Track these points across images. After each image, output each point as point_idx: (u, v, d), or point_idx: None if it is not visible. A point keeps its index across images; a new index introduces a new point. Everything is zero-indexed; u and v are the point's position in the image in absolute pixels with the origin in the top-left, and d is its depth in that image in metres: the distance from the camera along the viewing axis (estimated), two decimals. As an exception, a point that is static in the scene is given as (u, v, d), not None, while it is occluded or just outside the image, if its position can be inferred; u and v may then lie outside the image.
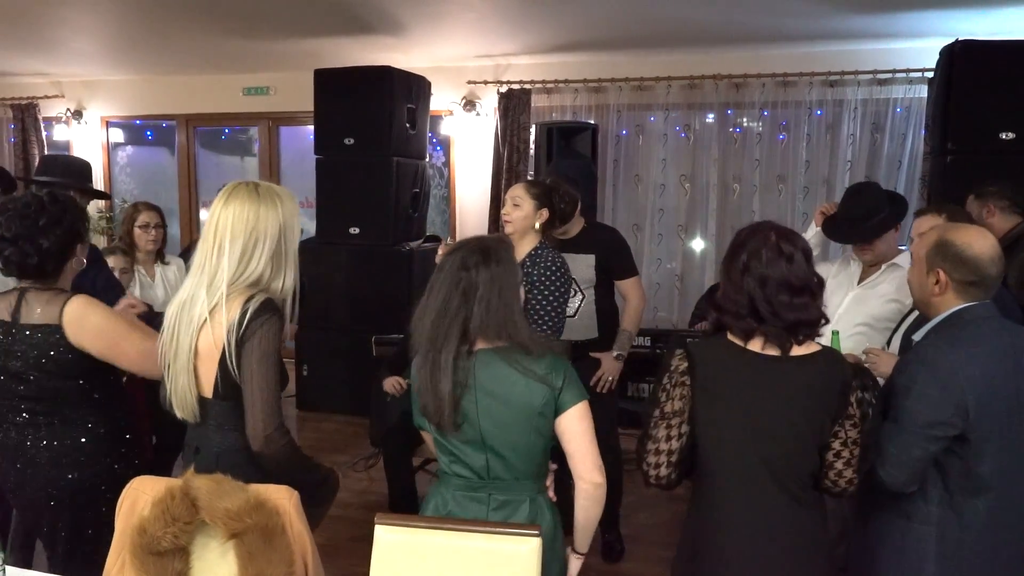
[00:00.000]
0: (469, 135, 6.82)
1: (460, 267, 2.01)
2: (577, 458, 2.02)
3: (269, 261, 2.14)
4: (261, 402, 2.06)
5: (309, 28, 5.54)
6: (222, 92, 7.26)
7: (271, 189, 2.20)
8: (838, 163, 5.98)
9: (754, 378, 1.98)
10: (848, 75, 5.83)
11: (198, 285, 2.13)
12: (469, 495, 2.07)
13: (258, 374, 2.07)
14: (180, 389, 2.15)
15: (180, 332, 2.14)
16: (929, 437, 2.03)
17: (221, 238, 2.12)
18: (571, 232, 3.81)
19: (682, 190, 6.37)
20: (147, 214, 3.94)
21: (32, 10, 5.02)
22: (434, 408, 2.00)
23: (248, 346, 2.06)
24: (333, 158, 5.88)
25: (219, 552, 1.99)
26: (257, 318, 2.06)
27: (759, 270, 1.95)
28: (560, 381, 2.00)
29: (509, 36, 5.76)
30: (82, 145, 7.60)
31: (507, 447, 2.01)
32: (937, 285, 2.15)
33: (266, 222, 2.13)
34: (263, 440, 2.07)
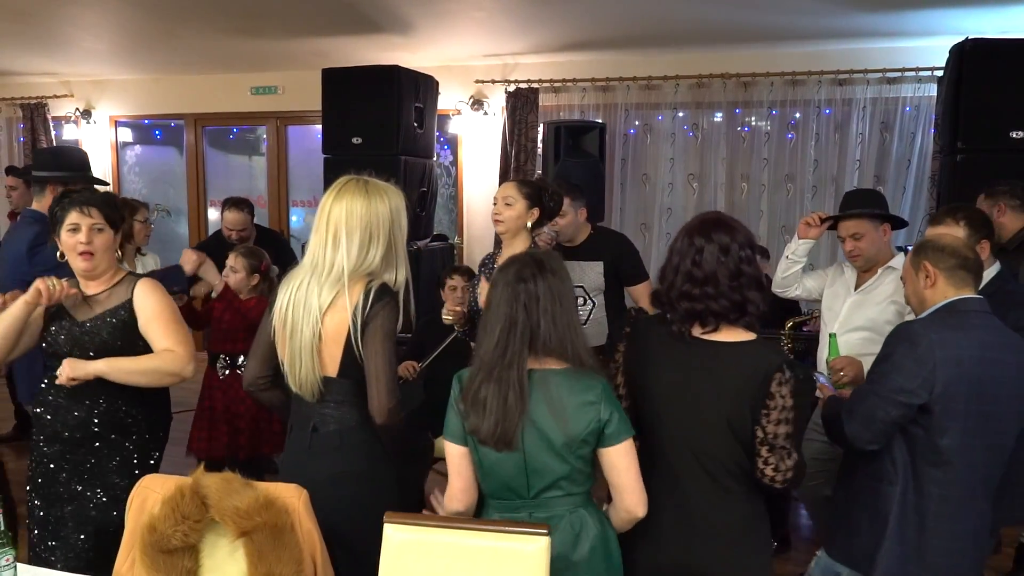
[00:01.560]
0: (477, 134, 6.82)
1: (517, 279, 2.00)
2: (624, 493, 2.02)
3: (382, 252, 2.25)
4: (385, 379, 2.19)
5: (317, 27, 5.54)
6: (230, 91, 7.27)
7: (378, 185, 2.30)
8: (847, 162, 5.96)
9: (688, 359, 2.08)
10: (857, 74, 5.81)
11: (313, 275, 2.25)
12: (511, 516, 2.05)
13: (381, 354, 2.20)
14: (304, 371, 2.24)
15: (299, 319, 2.23)
16: (894, 402, 2.25)
17: (336, 231, 2.23)
18: (577, 239, 3.80)
19: (690, 189, 6.36)
20: (144, 210, 4.10)
21: (42, 9, 5.04)
22: (493, 425, 1.96)
23: (372, 327, 2.19)
24: (341, 157, 5.87)
25: (228, 550, 2.00)
26: (379, 301, 2.20)
27: (672, 258, 2.12)
28: (608, 413, 1.98)
29: (517, 35, 5.76)
30: (91, 145, 7.62)
31: (549, 469, 1.99)
32: (927, 278, 2.37)
33: (378, 215, 2.24)
34: (387, 413, 2.19)
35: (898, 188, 5.88)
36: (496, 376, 1.98)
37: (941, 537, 2.30)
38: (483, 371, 2.01)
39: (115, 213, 2.53)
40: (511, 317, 1.98)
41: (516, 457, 1.99)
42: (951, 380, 2.22)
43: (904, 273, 2.49)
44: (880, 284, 3.20)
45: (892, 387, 2.26)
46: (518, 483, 2.02)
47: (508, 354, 1.97)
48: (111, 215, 2.51)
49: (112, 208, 2.52)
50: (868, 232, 3.18)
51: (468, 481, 2.09)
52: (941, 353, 2.23)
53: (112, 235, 2.51)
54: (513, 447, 1.97)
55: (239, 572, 1.98)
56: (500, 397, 1.96)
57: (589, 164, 5.67)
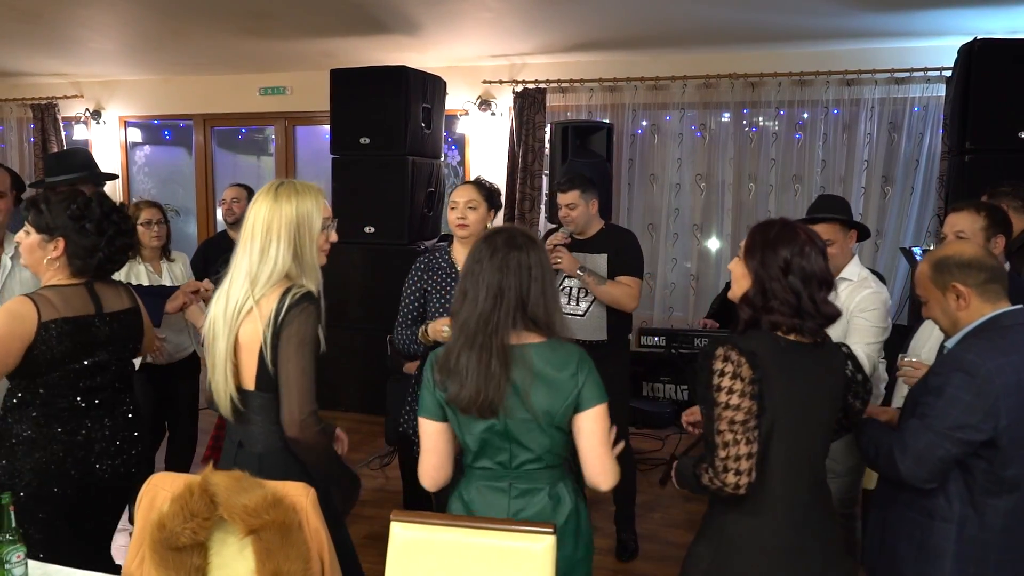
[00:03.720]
0: (484, 134, 6.83)
1: (508, 247, 1.97)
2: (588, 460, 2.00)
3: (290, 255, 2.18)
4: (297, 387, 2.12)
5: (325, 28, 5.56)
6: (239, 92, 7.30)
7: (294, 186, 2.23)
8: (855, 163, 5.95)
9: (802, 366, 2.00)
10: (865, 74, 5.80)
11: (231, 282, 2.20)
12: (491, 485, 2.07)
13: (294, 360, 2.12)
14: (217, 383, 2.21)
15: (217, 330, 2.20)
16: (955, 440, 2.05)
17: (245, 235, 2.19)
18: (588, 232, 3.81)
19: (697, 189, 6.35)
20: (148, 211, 3.92)
21: (52, 11, 5.07)
22: (474, 393, 1.95)
23: (285, 334, 2.12)
24: (349, 157, 5.90)
25: (237, 548, 2.01)
26: (296, 306, 2.13)
27: (804, 267, 1.97)
28: (583, 378, 1.98)
29: (524, 35, 5.77)
30: (100, 145, 7.66)
31: (532, 440, 2.01)
32: (960, 299, 2.18)
33: (280, 218, 2.17)
34: (298, 425, 2.12)
35: (906, 188, 5.87)
36: (479, 343, 1.96)
37: (1005, 568, 2.12)
38: (463, 339, 1.98)
39: (41, 219, 2.41)
40: (501, 284, 1.96)
41: (499, 428, 2.00)
42: (1015, 408, 2.05)
43: (924, 292, 2.29)
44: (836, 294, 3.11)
45: (950, 424, 2.06)
46: (502, 454, 2.04)
47: (493, 321, 1.95)
48: (36, 220, 2.43)
49: (38, 212, 2.42)
50: (839, 239, 3.07)
51: (442, 458, 2.07)
52: (1001, 381, 2.04)
53: (38, 239, 2.43)
54: (497, 414, 1.97)
55: (247, 570, 1.99)
56: (482, 364, 1.94)
57: (596, 164, 5.67)
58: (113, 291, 2.56)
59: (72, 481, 2.43)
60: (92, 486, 2.47)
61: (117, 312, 2.53)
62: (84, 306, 2.45)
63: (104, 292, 2.52)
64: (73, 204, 2.42)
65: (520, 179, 6.52)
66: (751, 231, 2.09)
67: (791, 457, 1.99)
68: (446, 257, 3.15)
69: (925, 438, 2.08)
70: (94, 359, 2.46)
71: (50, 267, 2.44)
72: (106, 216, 2.46)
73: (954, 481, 2.13)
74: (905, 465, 2.10)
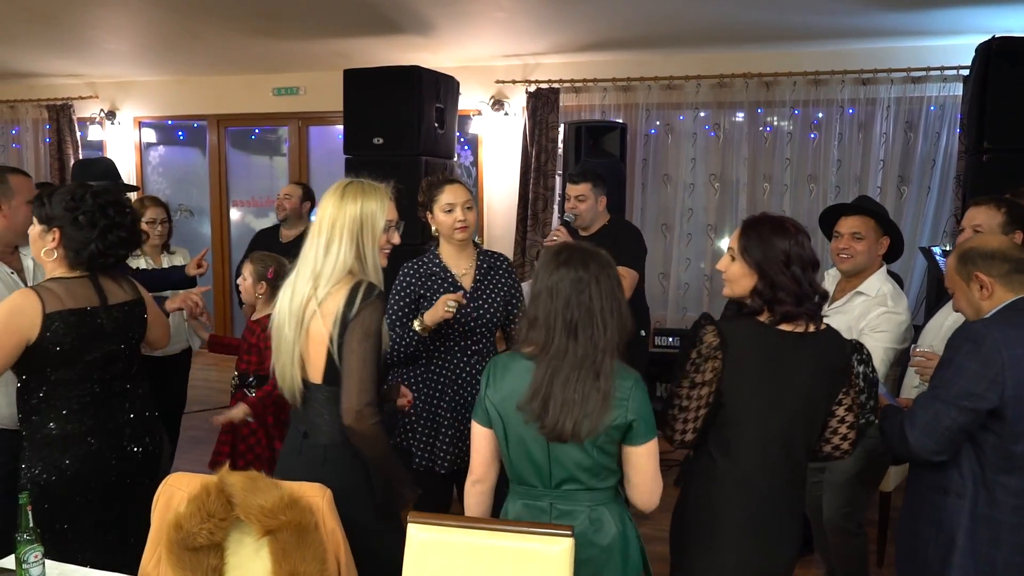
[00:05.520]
0: (497, 134, 6.82)
1: (581, 267, 1.97)
2: (640, 490, 2.05)
3: (351, 254, 2.23)
4: (357, 377, 2.15)
5: (339, 28, 5.57)
6: (252, 92, 7.32)
7: (358, 186, 2.29)
8: (870, 162, 5.91)
9: (781, 354, 2.09)
10: (881, 73, 5.76)
11: (297, 275, 2.26)
12: (531, 504, 2.06)
13: (357, 351, 2.16)
14: (285, 374, 2.27)
15: (284, 322, 2.26)
16: (960, 408, 2.11)
17: (314, 232, 2.26)
18: (593, 227, 3.80)
19: (711, 189, 6.33)
20: (153, 210, 4.10)
21: (67, 12, 5.10)
22: (560, 419, 1.94)
23: (352, 325, 2.16)
24: (362, 157, 5.90)
25: (253, 548, 2.01)
26: (364, 300, 2.17)
27: (801, 256, 2.08)
28: (636, 407, 1.97)
29: (538, 35, 5.76)
30: (115, 145, 7.70)
31: (570, 459, 2.00)
32: (983, 289, 2.24)
33: (344, 217, 2.23)
34: (355, 414, 2.14)
35: (923, 188, 5.83)
36: (552, 366, 1.95)
37: (1018, 551, 2.15)
38: (550, 364, 1.96)
39: (42, 210, 2.47)
40: (603, 316, 1.96)
41: (541, 444, 2.00)
42: (1022, 381, 2.08)
43: (951, 283, 2.34)
44: (847, 308, 3.05)
45: (957, 392, 2.12)
46: (542, 471, 2.03)
47: (582, 349, 1.95)
48: (38, 211, 2.48)
49: (40, 204, 2.48)
50: (870, 237, 3.03)
51: (487, 458, 2.12)
52: (1009, 352, 2.08)
53: (39, 230, 2.47)
54: (564, 439, 1.96)
55: (263, 570, 1.99)
56: (579, 392, 1.94)
57: (610, 164, 5.66)
58: (116, 283, 2.58)
59: (111, 469, 2.48)
60: (127, 473, 2.51)
61: (121, 304, 2.55)
62: (88, 298, 2.46)
63: (108, 284, 2.54)
64: (69, 196, 2.44)
65: (533, 179, 6.51)
66: (743, 230, 2.16)
67: (760, 438, 2.11)
68: (437, 262, 3.00)
69: (932, 408, 2.15)
70: (105, 350, 2.47)
71: (48, 258, 2.47)
72: (100, 209, 2.46)
73: (967, 457, 2.18)
74: (914, 436, 2.17)
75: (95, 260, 2.47)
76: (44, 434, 2.41)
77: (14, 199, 2.77)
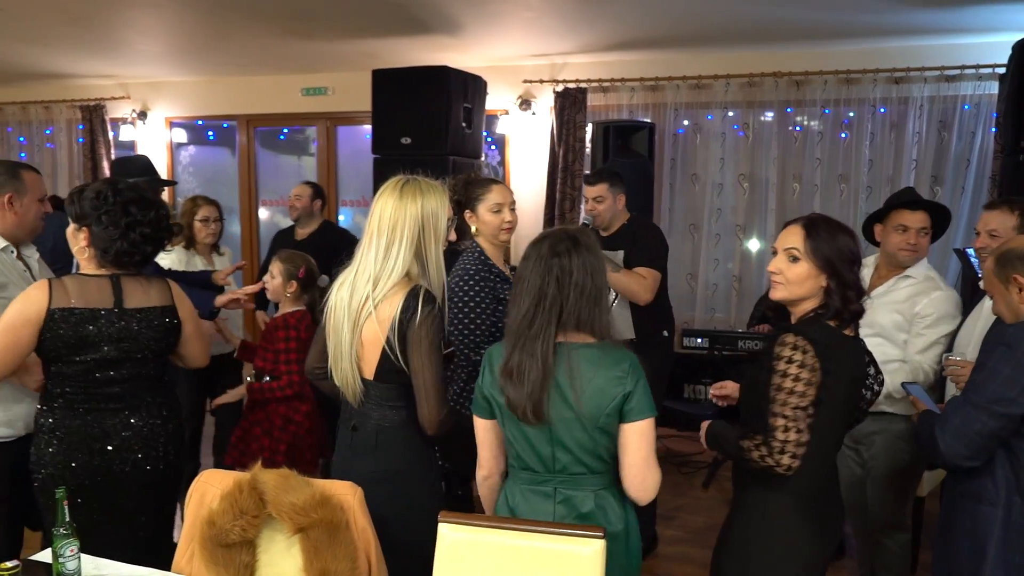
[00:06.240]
0: (524, 134, 6.82)
1: (551, 254, 1.99)
2: (629, 473, 2.01)
3: (413, 254, 2.22)
4: (434, 392, 2.19)
5: (367, 29, 5.59)
6: (281, 93, 7.37)
7: (418, 184, 2.27)
8: (903, 162, 5.83)
9: (851, 357, 2.07)
10: (914, 72, 5.68)
11: (355, 275, 2.26)
12: (535, 489, 2.07)
13: (428, 367, 2.18)
14: (343, 372, 2.28)
15: (340, 321, 2.26)
16: (992, 412, 2.07)
17: (371, 231, 2.25)
18: (612, 227, 3.78)
19: (740, 189, 6.28)
20: (207, 208, 4.15)
21: (101, 13, 5.16)
22: (517, 397, 1.98)
23: (416, 336, 2.17)
24: (390, 157, 5.91)
25: (285, 546, 2.03)
26: (424, 308, 2.17)
27: (857, 254, 2.08)
28: (632, 386, 1.97)
29: (565, 35, 5.74)
30: (147, 145, 7.78)
31: (573, 441, 2.00)
32: (1022, 292, 2.18)
33: (405, 217, 2.21)
34: (438, 425, 2.21)
35: (956, 188, 5.75)
36: (521, 346, 1.98)
37: None
38: (510, 341, 2.01)
39: (73, 208, 2.50)
40: (542, 290, 1.98)
41: (543, 429, 2.00)
42: None
43: (989, 287, 2.31)
44: (896, 290, 3.07)
45: (989, 396, 2.09)
46: (544, 456, 2.03)
47: (535, 326, 1.97)
48: (70, 209, 2.51)
49: (71, 202, 2.51)
50: (929, 233, 3.06)
51: (493, 450, 2.15)
52: None
53: (72, 228, 2.51)
54: (541, 420, 1.97)
55: (295, 568, 2.00)
56: (522, 368, 1.97)
57: (638, 164, 5.64)
58: (142, 287, 2.54)
59: (88, 472, 2.44)
60: (111, 479, 2.47)
61: (139, 309, 2.51)
62: (102, 299, 2.46)
63: (130, 286, 2.51)
64: (94, 195, 2.46)
65: (560, 179, 6.50)
66: (808, 230, 2.09)
67: (835, 444, 2.09)
68: (490, 262, 2.96)
69: (963, 412, 2.12)
70: (99, 355, 2.45)
71: (81, 256, 2.51)
72: (123, 207, 2.46)
73: (1001, 466, 2.14)
74: (944, 441, 2.14)
75: (121, 258, 2.48)
76: (40, 422, 2.48)
77: (26, 196, 2.78)
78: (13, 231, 2.78)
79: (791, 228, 2.13)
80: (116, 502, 2.48)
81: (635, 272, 3.63)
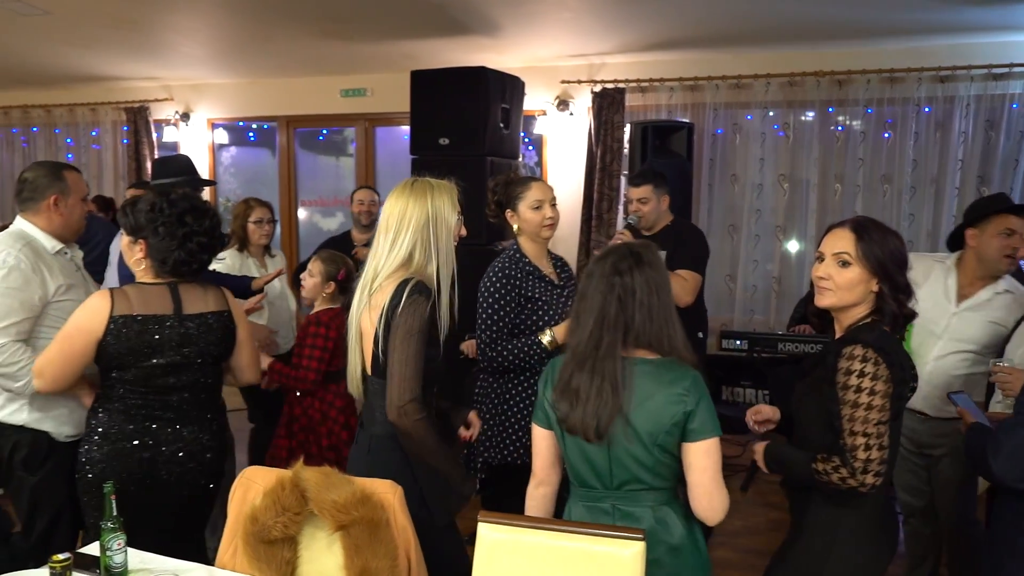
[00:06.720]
0: (562, 135, 6.81)
1: (613, 272, 1.98)
2: (697, 494, 1.96)
3: (417, 245, 2.27)
4: (399, 374, 2.19)
5: (406, 30, 5.62)
6: (321, 94, 7.44)
7: (425, 183, 2.35)
8: (948, 162, 5.72)
9: (908, 361, 2.03)
10: (960, 70, 5.57)
11: (364, 273, 2.32)
12: (592, 506, 2.05)
13: (399, 349, 2.20)
14: (350, 367, 2.36)
15: (351, 317, 2.34)
16: None
17: (381, 230, 2.32)
18: (656, 228, 3.77)
19: (780, 190, 6.20)
20: (260, 210, 4.16)
21: (146, 17, 5.25)
22: (575, 416, 1.96)
23: (395, 323, 2.20)
24: (428, 158, 5.93)
25: (326, 543, 2.04)
26: (408, 297, 2.20)
27: (906, 256, 2.04)
28: (694, 405, 1.93)
29: (603, 35, 5.72)
30: (189, 146, 7.90)
31: (631, 458, 1.98)
32: None
33: (409, 213, 2.28)
34: (397, 411, 2.19)
35: (1004, 189, 5.61)
36: (590, 367, 1.96)
37: None
38: (575, 361, 1.99)
39: (127, 221, 2.54)
40: (604, 309, 1.96)
41: (601, 445, 1.98)
42: None
43: None
44: (991, 304, 2.98)
45: None
46: (602, 472, 2.01)
47: (603, 346, 1.95)
48: (124, 222, 2.56)
49: (124, 215, 2.56)
50: None
51: (548, 462, 2.12)
52: None
53: (127, 241, 2.56)
54: (603, 438, 1.96)
55: (336, 565, 2.02)
56: (594, 388, 1.94)
57: (676, 164, 5.59)
58: (199, 293, 2.59)
59: (134, 478, 2.47)
60: (156, 487, 2.51)
61: (198, 314, 2.56)
62: (162, 306, 2.50)
63: (188, 294, 2.56)
64: (148, 207, 2.50)
65: (598, 179, 6.48)
66: (857, 233, 2.03)
67: (892, 454, 2.01)
68: (527, 261, 2.99)
69: (1018, 435, 2.02)
70: (164, 360, 2.49)
71: (137, 267, 2.56)
72: (178, 218, 2.51)
73: None
74: (997, 463, 2.05)
75: (180, 267, 2.53)
76: (92, 424, 2.52)
77: (70, 197, 2.83)
78: (60, 232, 2.83)
79: (838, 231, 2.07)
80: (158, 509, 2.52)
81: (677, 274, 3.62)
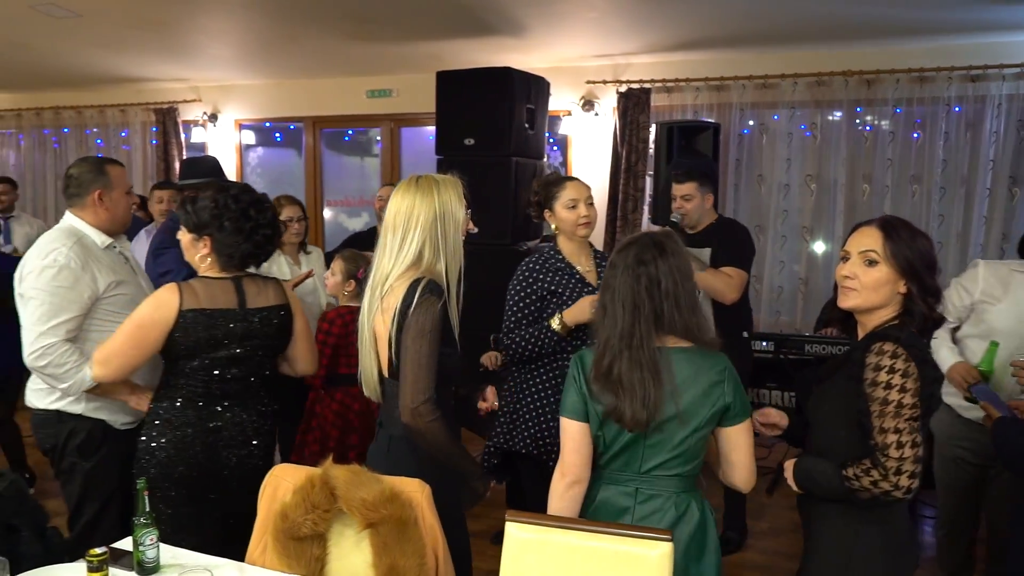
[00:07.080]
0: (587, 135, 6.80)
1: (637, 262, 2.00)
2: (739, 468, 2.08)
3: (426, 244, 2.26)
4: (412, 375, 2.18)
5: (432, 31, 5.64)
6: (346, 94, 7.48)
7: (430, 179, 2.33)
8: (979, 162, 5.64)
9: (936, 365, 1.99)
10: (992, 69, 5.49)
11: (373, 274, 2.32)
12: (618, 489, 2.08)
13: (412, 349, 2.19)
14: (365, 367, 2.36)
15: (363, 319, 2.33)
16: None
17: (387, 229, 2.30)
18: (700, 226, 3.75)
19: (807, 190, 6.15)
20: (290, 208, 4.16)
21: (176, 19, 5.31)
22: (623, 406, 1.97)
23: (407, 323, 2.20)
24: (453, 158, 5.95)
25: (354, 540, 2.06)
26: (421, 297, 2.19)
27: (935, 256, 2.00)
28: (731, 393, 2.01)
29: (629, 35, 5.71)
30: (217, 147, 7.98)
31: (665, 445, 2.01)
32: None
33: (416, 211, 2.26)
34: (410, 412, 2.18)
35: (1036, 190, 5.54)
36: (628, 358, 1.97)
37: None
38: (610, 352, 2.00)
39: (188, 218, 2.59)
40: (635, 301, 1.98)
41: (640, 433, 2.01)
42: None
43: None
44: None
45: None
46: (634, 458, 2.05)
47: (636, 336, 1.97)
48: (185, 220, 2.61)
49: (185, 212, 2.61)
50: None
51: (585, 457, 2.10)
52: None
53: (189, 238, 2.61)
54: (644, 427, 1.98)
55: (364, 562, 2.03)
56: (636, 379, 1.96)
57: (702, 164, 5.56)
58: (260, 287, 2.65)
59: (198, 464, 2.53)
60: (217, 472, 2.57)
61: (260, 308, 2.62)
62: (227, 300, 2.56)
63: (250, 288, 2.62)
64: (212, 204, 2.55)
65: (623, 180, 6.47)
66: (885, 232, 1.98)
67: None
68: (559, 256, 3.02)
69: None
70: (229, 352, 2.55)
71: (202, 263, 2.61)
72: (243, 213, 2.57)
73: None
74: None
75: (247, 260, 2.60)
76: (155, 412, 2.57)
77: (114, 191, 2.86)
78: (107, 226, 2.87)
79: (865, 230, 2.02)
80: (218, 494, 2.58)
81: (722, 271, 3.62)
